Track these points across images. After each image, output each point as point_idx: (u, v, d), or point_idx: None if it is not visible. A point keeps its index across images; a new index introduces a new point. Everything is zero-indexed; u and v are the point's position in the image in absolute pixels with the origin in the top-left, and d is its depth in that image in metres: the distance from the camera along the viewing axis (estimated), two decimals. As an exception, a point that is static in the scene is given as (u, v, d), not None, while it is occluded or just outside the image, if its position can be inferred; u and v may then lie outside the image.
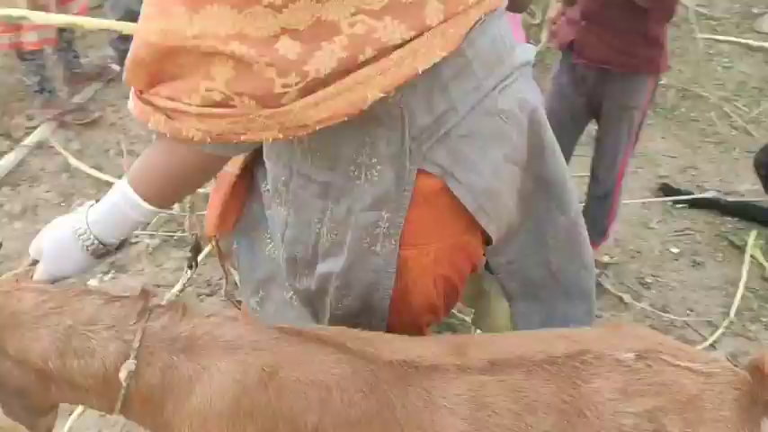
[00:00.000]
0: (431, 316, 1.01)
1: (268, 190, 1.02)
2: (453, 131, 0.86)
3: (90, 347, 0.85)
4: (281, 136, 0.76)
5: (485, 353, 0.82)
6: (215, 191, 1.10)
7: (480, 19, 0.82)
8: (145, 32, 0.76)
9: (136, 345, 0.84)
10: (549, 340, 0.86)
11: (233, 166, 1.05)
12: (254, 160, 1.06)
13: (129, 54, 0.79)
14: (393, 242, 0.88)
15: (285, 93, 0.73)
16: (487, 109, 0.88)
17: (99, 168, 2.70)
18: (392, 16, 0.73)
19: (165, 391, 0.85)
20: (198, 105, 0.76)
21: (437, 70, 0.80)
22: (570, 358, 0.80)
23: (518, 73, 0.91)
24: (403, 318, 0.97)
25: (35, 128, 2.93)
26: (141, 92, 0.81)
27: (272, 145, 0.93)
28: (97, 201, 0.92)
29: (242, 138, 0.77)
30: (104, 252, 0.92)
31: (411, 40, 0.75)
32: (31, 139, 2.85)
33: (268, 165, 0.98)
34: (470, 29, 0.81)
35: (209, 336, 0.85)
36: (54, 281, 0.93)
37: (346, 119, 0.76)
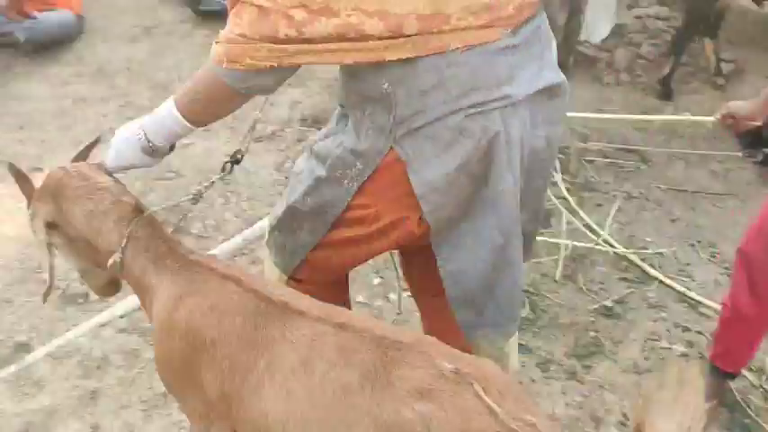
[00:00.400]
0: (351, 255, 1.30)
1: None
2: (422, 130, 1.09)
3: (102, 230, 1.21)
4: (275, 64, 1.06)
5: (345, 319, 1.04)
6: None
7: (457, 48, 1.04)
8: None
9: (123, 244, 1.18)
10: (400, 331, 1.04)
11: None
12: None
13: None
14: (355, 185, 1.17)
15: (286, 38, 1.04)
16: (452, 124, 1.08)
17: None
18: (378, 18, 1.01)
19: (139, 286, 1.21)
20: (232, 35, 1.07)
21: (422, 76, 1.06)
22: (400, 343, 0.97)
23: (503, 103, 1.08)
24: (332, 241, 1.26)
25: None
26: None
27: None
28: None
29: (248, 61, 1.06)
30: (154, 150, 1.24)
31: (387, 38, 1.03)
32: None
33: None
34: (444, 52, 1.04)
35: (168, 259, 1.18)
36: (122, 169, 1.28)
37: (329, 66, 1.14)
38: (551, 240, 2.40)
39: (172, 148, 1.29)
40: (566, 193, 2.64)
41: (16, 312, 2.13)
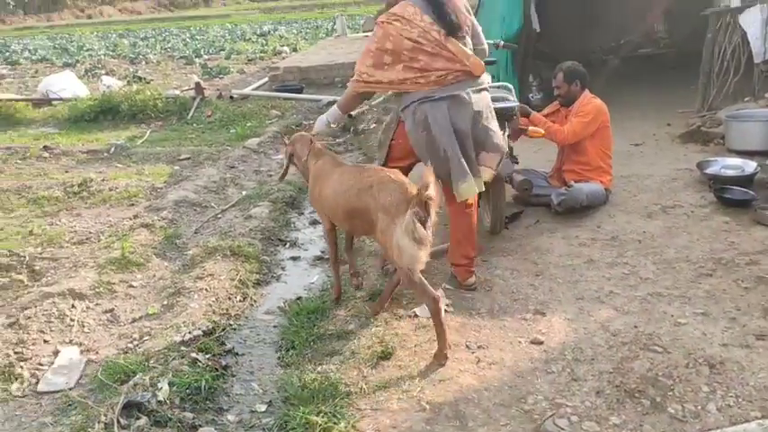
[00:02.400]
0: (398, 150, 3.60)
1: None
2: (407, 110, 3.38)
3: (303, 151, 3.67)
4: (364, 90, 3.46)
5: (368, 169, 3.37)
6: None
7: (432, 94, 3.31)
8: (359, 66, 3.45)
9: (307, 154, 3.63)
10: (389, 170, 3.23)
11: None
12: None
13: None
14: (393, 128, 3.65)
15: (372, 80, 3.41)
16: (417, 109, 3.33)
17: None
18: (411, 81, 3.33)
19: (306, 168, 3.65)
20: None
21: (412, 94, 3.38)
22: (383, 172, 3.20)
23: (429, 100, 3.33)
24: (392, 145, 3.61)
25: None
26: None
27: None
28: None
29: (360, 87, 3.44)
30: (330, 123, 3.73)
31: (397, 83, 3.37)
32: None
33: None
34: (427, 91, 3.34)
35: (318, 157, 3.58)
36: (318, 132, 3.81)
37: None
38: None
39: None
40: None
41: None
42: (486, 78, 3.44)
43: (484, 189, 3.41)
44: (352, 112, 7.62)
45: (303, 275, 4.20)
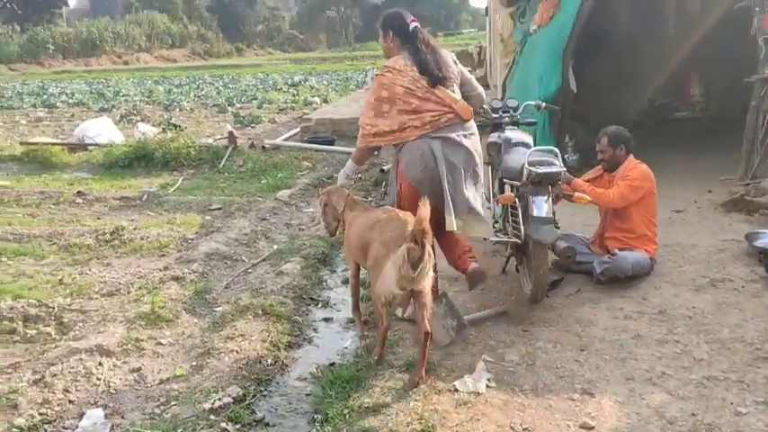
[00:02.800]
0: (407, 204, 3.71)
1: None
2: (403, 149, 3.77)
3: (338, 202, 3.95)
4: (372, 144, 3.89)
5: (386, 211, 3.78)
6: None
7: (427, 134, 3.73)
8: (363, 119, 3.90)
9: (343, 206, 3.92)
10: (402, 212, 3.63)
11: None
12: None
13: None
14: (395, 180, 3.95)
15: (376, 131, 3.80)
16: (412, 146, 3.72)
17: None
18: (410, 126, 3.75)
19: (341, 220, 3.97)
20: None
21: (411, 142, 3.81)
22: (395, 214, 3.60)
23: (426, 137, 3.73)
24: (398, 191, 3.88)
25: None
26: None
27: None
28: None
29: (368, 143, 3.86)
30: (349, 176, 4.23)
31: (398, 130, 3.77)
32: None
33: None
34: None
35: (360, 207, 3.95)
36: (342, 182, 4.18)
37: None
38: None
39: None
40: None
41: None
42: (473, 125, 3.89)
43: (472, 234, 3.84)
44: (384, 167, 7.62)
45: (336, 339, 4.07)
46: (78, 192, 7.48)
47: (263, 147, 9.73)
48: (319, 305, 4.57)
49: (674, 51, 8.67)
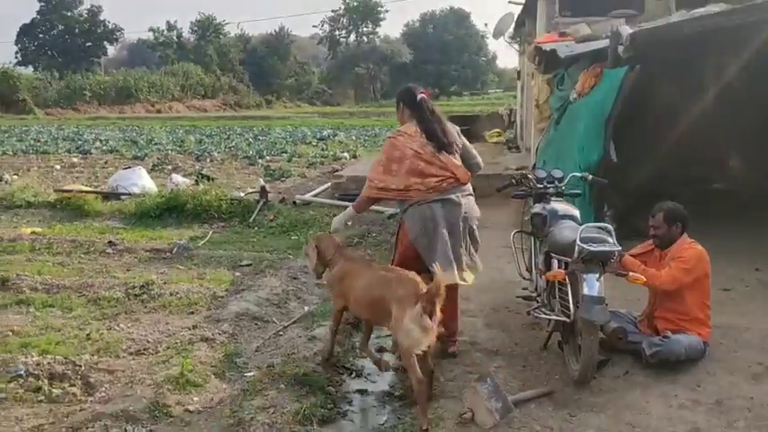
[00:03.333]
0: (399, 254, 4.42)
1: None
2: (408, 211, 4.22)
3: (328, 250, 4.32)
4: (376, 196, 4.34)
5: (387, 269, 4.29)
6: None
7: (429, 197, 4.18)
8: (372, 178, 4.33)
9: (333, 253, 4.30)
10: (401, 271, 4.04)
11: None
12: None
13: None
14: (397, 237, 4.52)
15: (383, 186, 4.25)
16: (416, 209, 4.19)
17: None
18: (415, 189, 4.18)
19: (331, 264, 4.33)
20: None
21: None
22: (397, 273, 4.00)
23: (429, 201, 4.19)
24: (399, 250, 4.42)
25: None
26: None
27: None
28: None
29: (373, 194, 4.32)
30: (347, 222, 4.99)
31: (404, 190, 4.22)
32: None
33: None
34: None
35: (342, 257, 4.32)
36: (336, 229, 4.73)
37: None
38: None
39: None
40: None
41: None
42: (469, 186, 4.38)
43: (463, 282, 4.25)
44: (391, 213, 7.65)
45: (372, 413, 3.88)
46: (109, 241, 7.47)
47: (294, 202, 9.71)
48: (353, 375, 4.38)
49: (713, 122, 8.55)
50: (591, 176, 4.97)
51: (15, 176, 13.25)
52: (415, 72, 71.35)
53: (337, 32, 72.75)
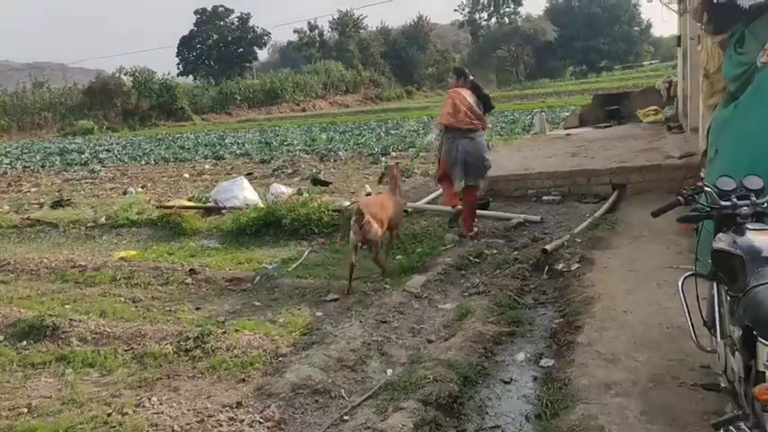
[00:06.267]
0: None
1: None
2: (444, 139, 7.30)
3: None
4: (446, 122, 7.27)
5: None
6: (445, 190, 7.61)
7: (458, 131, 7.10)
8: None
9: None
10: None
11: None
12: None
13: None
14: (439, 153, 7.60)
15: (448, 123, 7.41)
16: (446, 140, 7.16)
17: None
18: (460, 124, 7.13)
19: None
20: None
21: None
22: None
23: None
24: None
25: None
26: None
27: None
28: None
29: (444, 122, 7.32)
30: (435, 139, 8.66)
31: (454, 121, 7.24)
32: None
33: None
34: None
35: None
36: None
37: None
38: None
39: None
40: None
41: None
42: (482, 132, 7.22)
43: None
44: (547, 247, 6.01)
45: None
46: (191, 269, 6.63)
47: (406, 210, 8.39)
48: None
49: None
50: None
51: (141, 189, 13.24)
52: (561, 50, 67.23)
53: (477, 15, 70.46)
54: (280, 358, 4.35)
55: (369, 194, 8.39)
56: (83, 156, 22.92)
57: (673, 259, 5.59)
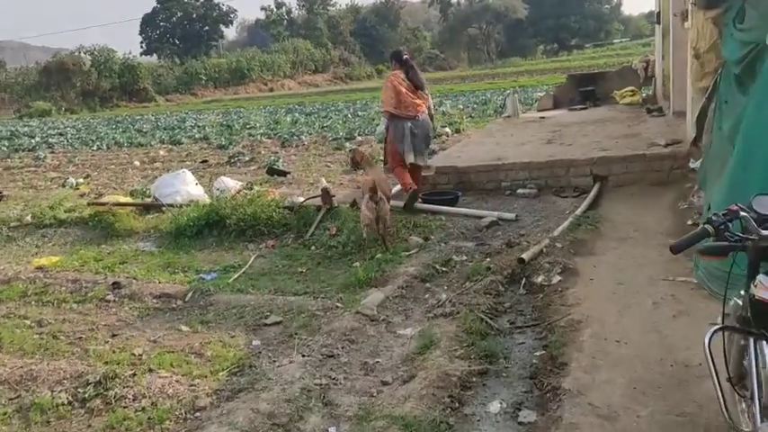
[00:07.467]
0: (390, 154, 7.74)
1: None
2: (390, 124, 7.45)
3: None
4: (393, 114, 7.43)
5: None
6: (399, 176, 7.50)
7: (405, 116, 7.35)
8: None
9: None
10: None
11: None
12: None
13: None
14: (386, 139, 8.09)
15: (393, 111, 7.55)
16: (397, 123, 7.38)
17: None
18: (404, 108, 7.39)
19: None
20: None
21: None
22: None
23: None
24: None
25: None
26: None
27: None
28: None
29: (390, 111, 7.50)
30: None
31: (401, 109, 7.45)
32: None
33: None
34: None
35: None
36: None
37: None
38: None
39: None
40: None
41: None
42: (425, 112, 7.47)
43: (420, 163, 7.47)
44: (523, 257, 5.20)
45: None
46: (114, 283, 5.72)
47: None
48: None
49: None
50: None
51: (82, 179, 12.14)
52: (531, 28, 66.53)
53: (448, -8, 69.23)
54: (197, 413, 3.48)
55: (325, 188, 7.48)
56: (33, 140, 21.51)
57: (667, 268, 4.85)
